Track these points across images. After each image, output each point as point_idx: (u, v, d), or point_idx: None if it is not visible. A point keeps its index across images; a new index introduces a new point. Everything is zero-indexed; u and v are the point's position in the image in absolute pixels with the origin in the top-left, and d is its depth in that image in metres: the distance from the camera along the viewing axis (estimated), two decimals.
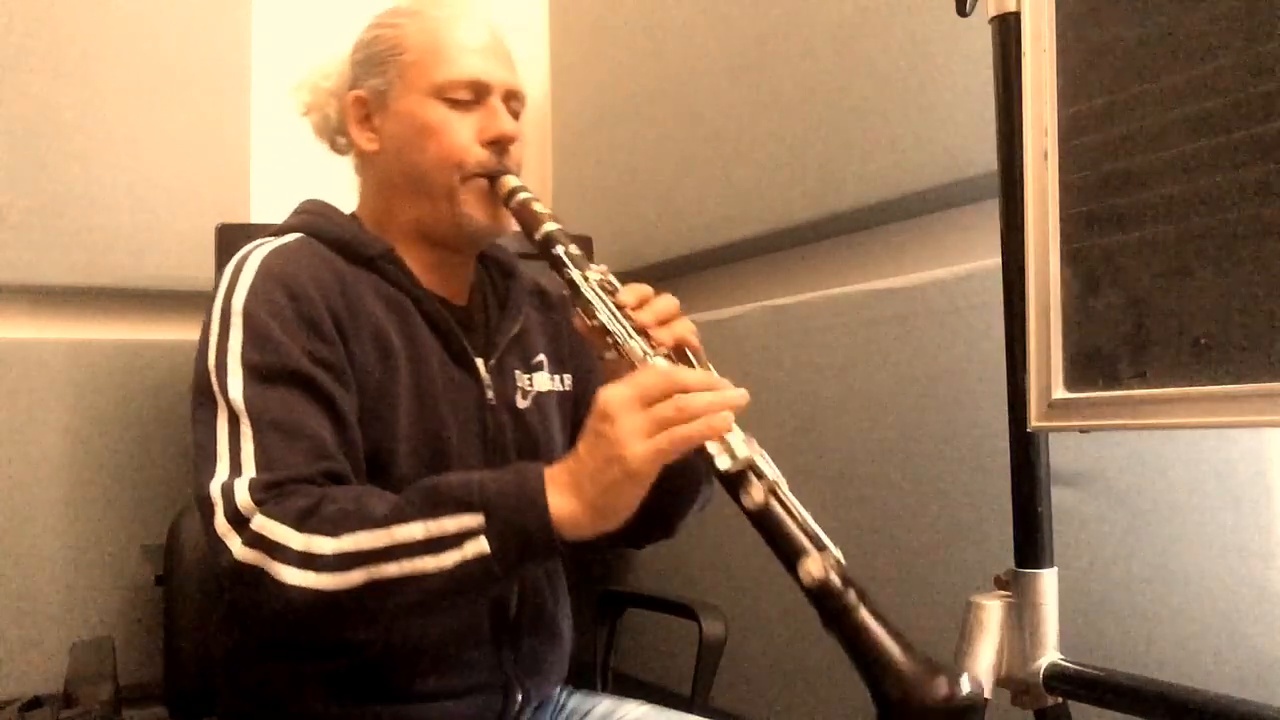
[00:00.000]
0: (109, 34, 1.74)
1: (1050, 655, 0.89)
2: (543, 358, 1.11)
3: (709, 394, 0.78)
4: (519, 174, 1.02)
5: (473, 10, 1.05)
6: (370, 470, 0.92)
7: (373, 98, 1.03)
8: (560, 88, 2.32)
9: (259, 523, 0.80)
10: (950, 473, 1.34)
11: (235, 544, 0.80)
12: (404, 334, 0.98)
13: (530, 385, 1.08)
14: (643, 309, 0.89)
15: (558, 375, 1.13)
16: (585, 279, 0.91)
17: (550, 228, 0.95)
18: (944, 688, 0.69)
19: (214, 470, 0.84)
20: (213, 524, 0.82)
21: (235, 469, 0.84)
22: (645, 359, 0.85)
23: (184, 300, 1.75)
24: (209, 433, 0.86)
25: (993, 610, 0.90)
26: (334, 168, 1.11)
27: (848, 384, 1.51)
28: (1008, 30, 0.92)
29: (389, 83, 1.02)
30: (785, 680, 1.60)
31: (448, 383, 1.00)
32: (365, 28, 1.07)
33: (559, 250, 0.93)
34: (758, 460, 0.78)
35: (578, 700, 1.13)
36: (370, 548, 0.78)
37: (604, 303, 0.89)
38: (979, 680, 0.87)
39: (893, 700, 0.70)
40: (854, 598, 0.72)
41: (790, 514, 0.76)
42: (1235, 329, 0.73)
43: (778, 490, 0.77)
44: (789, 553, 0.75)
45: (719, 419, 0.77)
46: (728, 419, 0.78)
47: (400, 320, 0.99)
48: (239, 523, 0.81)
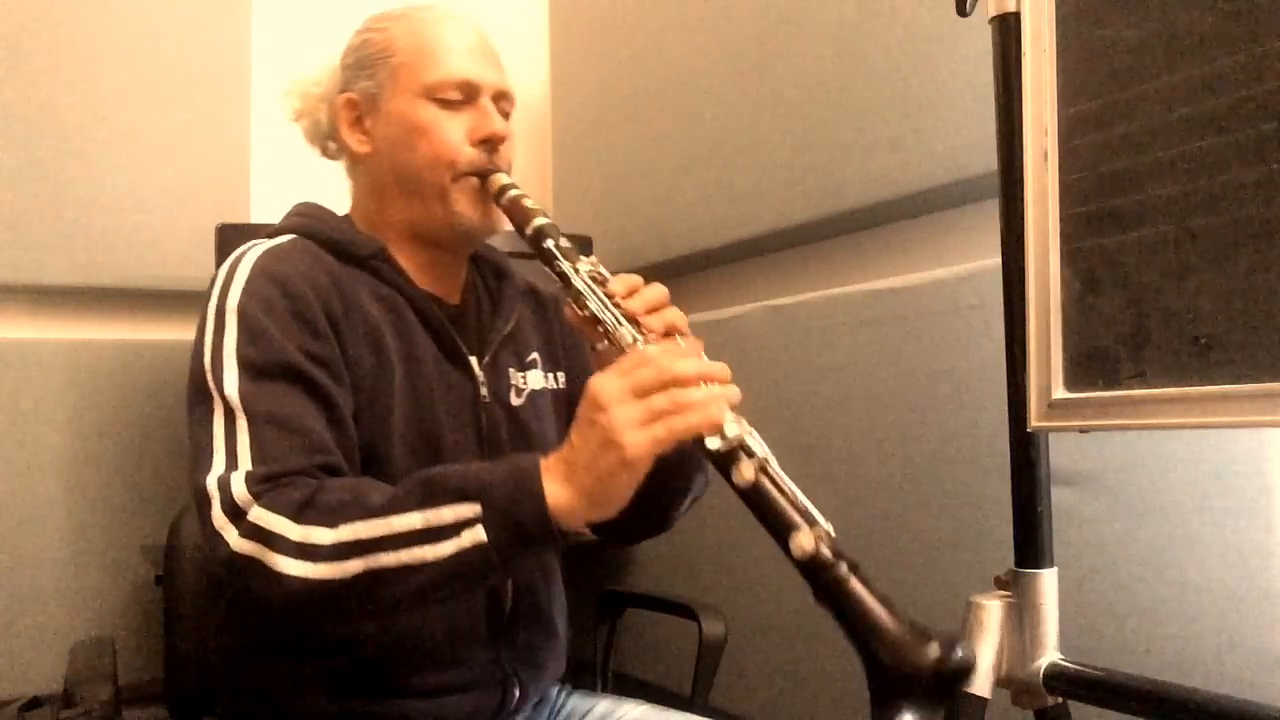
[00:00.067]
0: (109, 34, 1.75)
1: (1050, 655, 0.89)
2: (536, 356, 1.12)
3: (705, 390, 0.79)
4: (509, 173, 1.03)
5: (461, 13, 1.07)
6: (366, 468, 0.93)
7: (364, 100, 1.04)
8: (560, 88, 2.32)
9: (256, 514, 0.80)
10: (950, 473, 1.34)
11: (232, 536, 0.80)
12: (398, 332, 0.99)
13: (524, 383, 1.09)
14: (632, 298, 0.90)
15: (551, 374, 1.13)
16: (576, 270, 0.92)
17: (541, 222, 0.96)
18: (935, 651, 0.69)
19: (210, 465, 0.84)
20: (210, 517, 0.82)
21: (232, 463, 0.84)
22: (636, 346, 0.85)
23: (184, 300, 1.74)
24: (205, 429, 0.87)
25: (993, 610, 0.90)
26: (333, 168, 1.12)
27: (848, 384, 1.51)
28: (1008, 30, 0.92)
29: (379, 85, 1.03)
30: (785, 680, 1.60)
31: (442, 380, 1.00)
32: (355, 32, 1.08)
33: (549, 244, 0.94)
34: (747, 438, 0.78)
35: (577, 700, 1.13)
36: (368, 537, 0.79)
37: (594, 293, 0.90)
38: (972, 653, 0.87)
39: (885, 665, 0.70)
40: (845, 569, 0.73)
41: (780, 490, 0.77)
42: (1235, 329, 0.73)
43: (767, 467, 0.78)
44: (780, 528, 0.75)
45: (715, 410, 0.78)
46: (723, 409, 0.79)
47: (394, 319, 0.99)
48: (236, 515, 0.81)
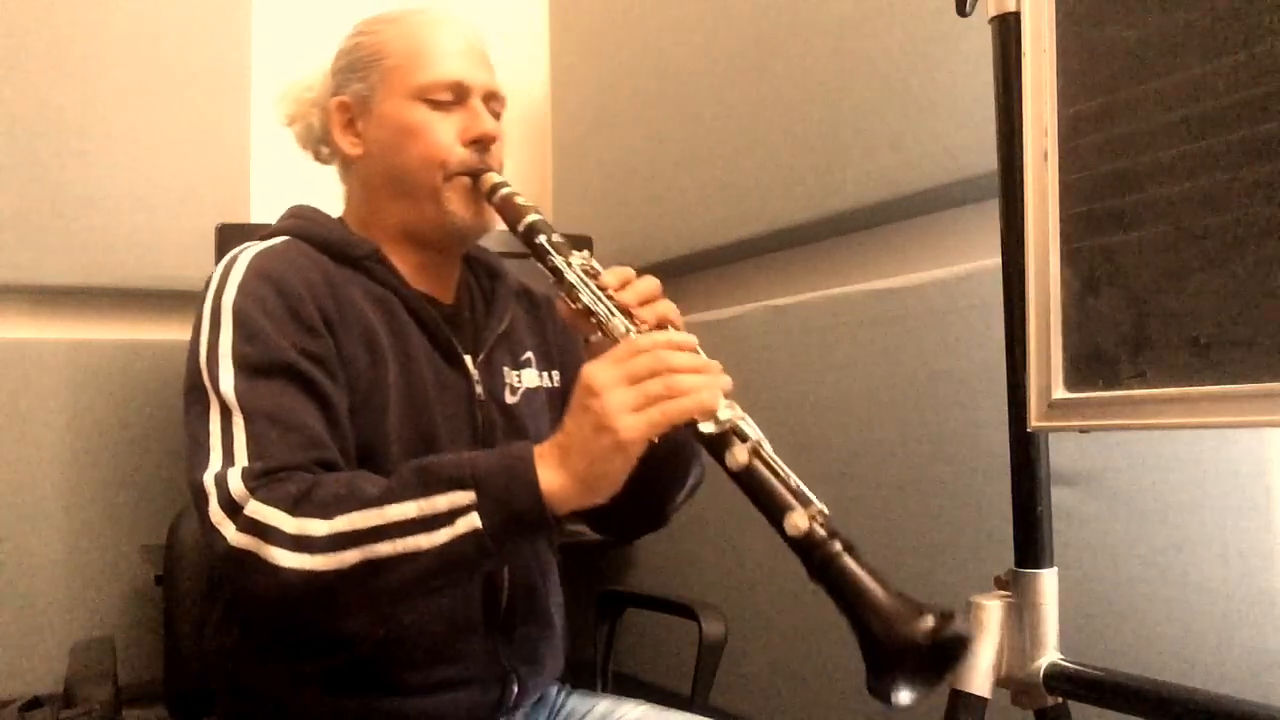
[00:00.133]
0: (109, 34, 1.75)
1: (1050, 655, 0.89)
2: (530, 355, 1.13)
3: (698, 377, 0.79)
4: (501, 173, 1.03)
5: (453, 15, 1.07)
6: (361, 466, 0.93)
7: (356, 103, 1.05)
8: (560, 88, 2.32)
9: (252, 509, 0.81)
10: (950, 473, 1.34)
11: (229, 531, 0.81)
12: (392, 332, 0.99)
13: (519, 382, 1.09)
14: (625, 290, 0.90)
15: (546, 372, 1.14)
16: (568, 264, 0.92)
17: (533, 218, 0.97)
18: (930, 623, 0.69)
19: (207, 462, 0.85)
20: (207, 513, 0.83)
21: (228, 459, 0.84)
22: (629, 336, 0.86)
23: (184, 300, 1.73)
24: (201, 427, 0.87)
25: (993, 610, 0.90)
26: (332, 169, 1.12)
27: (848, 384, 1.51)
28: (1008, 30, 0.92)
29: (371, 87, 1.03)
30: (785, 680, 1.60)
31: (437, 379, 1.01)
32: (346, 36, 1.09)
33: (541, 239, 0.95)
34: (740, 423, 0.79)
35: (577, 700, 1.13)
36: (363, 527, 0.79)
37: (587, 285, 0.90)
38: (967, 626, 0.86)
39: (878, 638, 0.69)
40: (839, 546, 0.73)
41: (774, 472, 0.77)
42: (1235, 329, 0.73)
43: (760, 450, 0.78)
44: (774, 509, 0.75)
45: (708, 394, 0.78)
46: (716, 394, 0.79)
47: (388, 319, 1.00)
48: (233, 510, 0.81)
